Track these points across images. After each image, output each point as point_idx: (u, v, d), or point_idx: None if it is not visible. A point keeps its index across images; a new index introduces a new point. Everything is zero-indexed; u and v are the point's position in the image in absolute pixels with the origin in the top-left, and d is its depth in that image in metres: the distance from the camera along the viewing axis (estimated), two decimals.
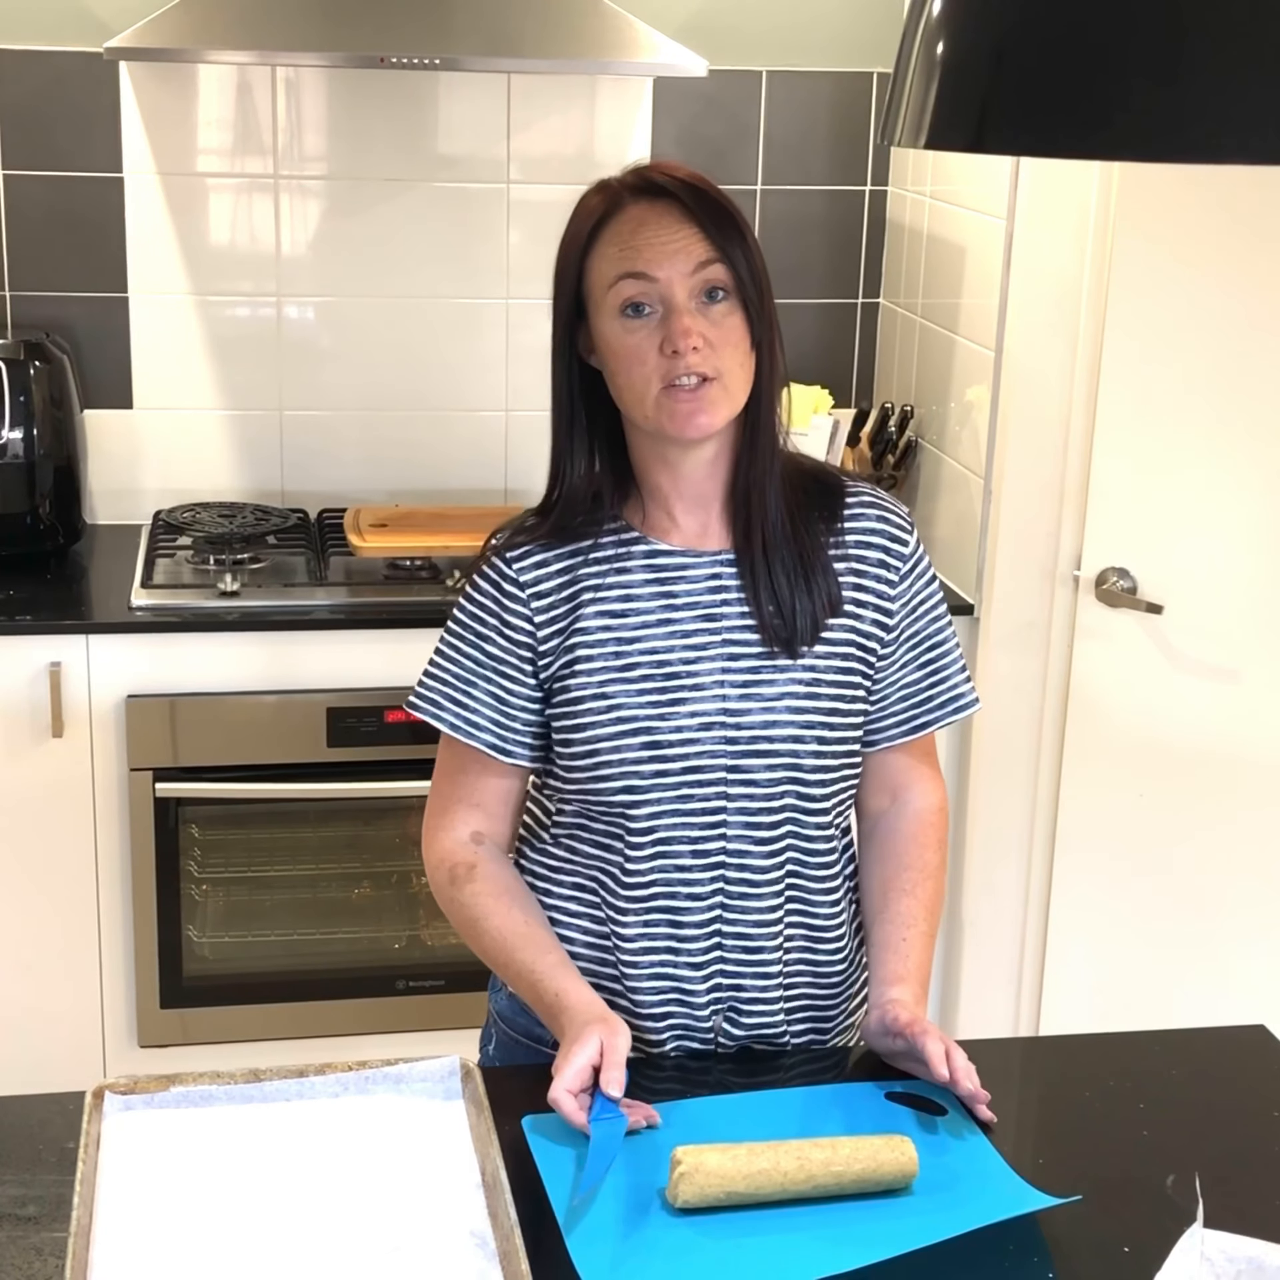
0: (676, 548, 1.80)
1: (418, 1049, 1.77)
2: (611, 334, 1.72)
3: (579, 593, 1.78)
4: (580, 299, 1.75)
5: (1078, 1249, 1.52)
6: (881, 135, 1.39)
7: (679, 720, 1.76)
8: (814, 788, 1.79)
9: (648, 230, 1.71)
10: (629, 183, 1.74)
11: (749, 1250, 1.48)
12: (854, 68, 3.49)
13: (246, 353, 3.45)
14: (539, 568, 1.79)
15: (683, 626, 1.78)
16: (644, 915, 1.80)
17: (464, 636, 1.82)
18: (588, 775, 1.78)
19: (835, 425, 3.40)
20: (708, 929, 1.80)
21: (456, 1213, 1.50)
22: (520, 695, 1.80)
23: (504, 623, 1.79)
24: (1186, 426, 3.01)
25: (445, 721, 1.82)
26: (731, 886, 1.80)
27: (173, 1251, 1.45)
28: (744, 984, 1.82)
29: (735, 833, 1.78)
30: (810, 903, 1.83)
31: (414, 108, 3.39)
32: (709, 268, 1.70)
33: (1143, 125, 1.20)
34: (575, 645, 1.77)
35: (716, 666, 1.77)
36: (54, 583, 3.18)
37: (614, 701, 1.76)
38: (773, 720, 1.77)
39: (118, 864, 3.03)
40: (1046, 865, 3.20)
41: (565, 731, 1.79)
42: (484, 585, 1.81)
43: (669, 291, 1.70)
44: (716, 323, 1.71)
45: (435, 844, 1.85)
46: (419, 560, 3.18)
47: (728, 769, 1.77)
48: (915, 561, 1.85)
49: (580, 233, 1.75)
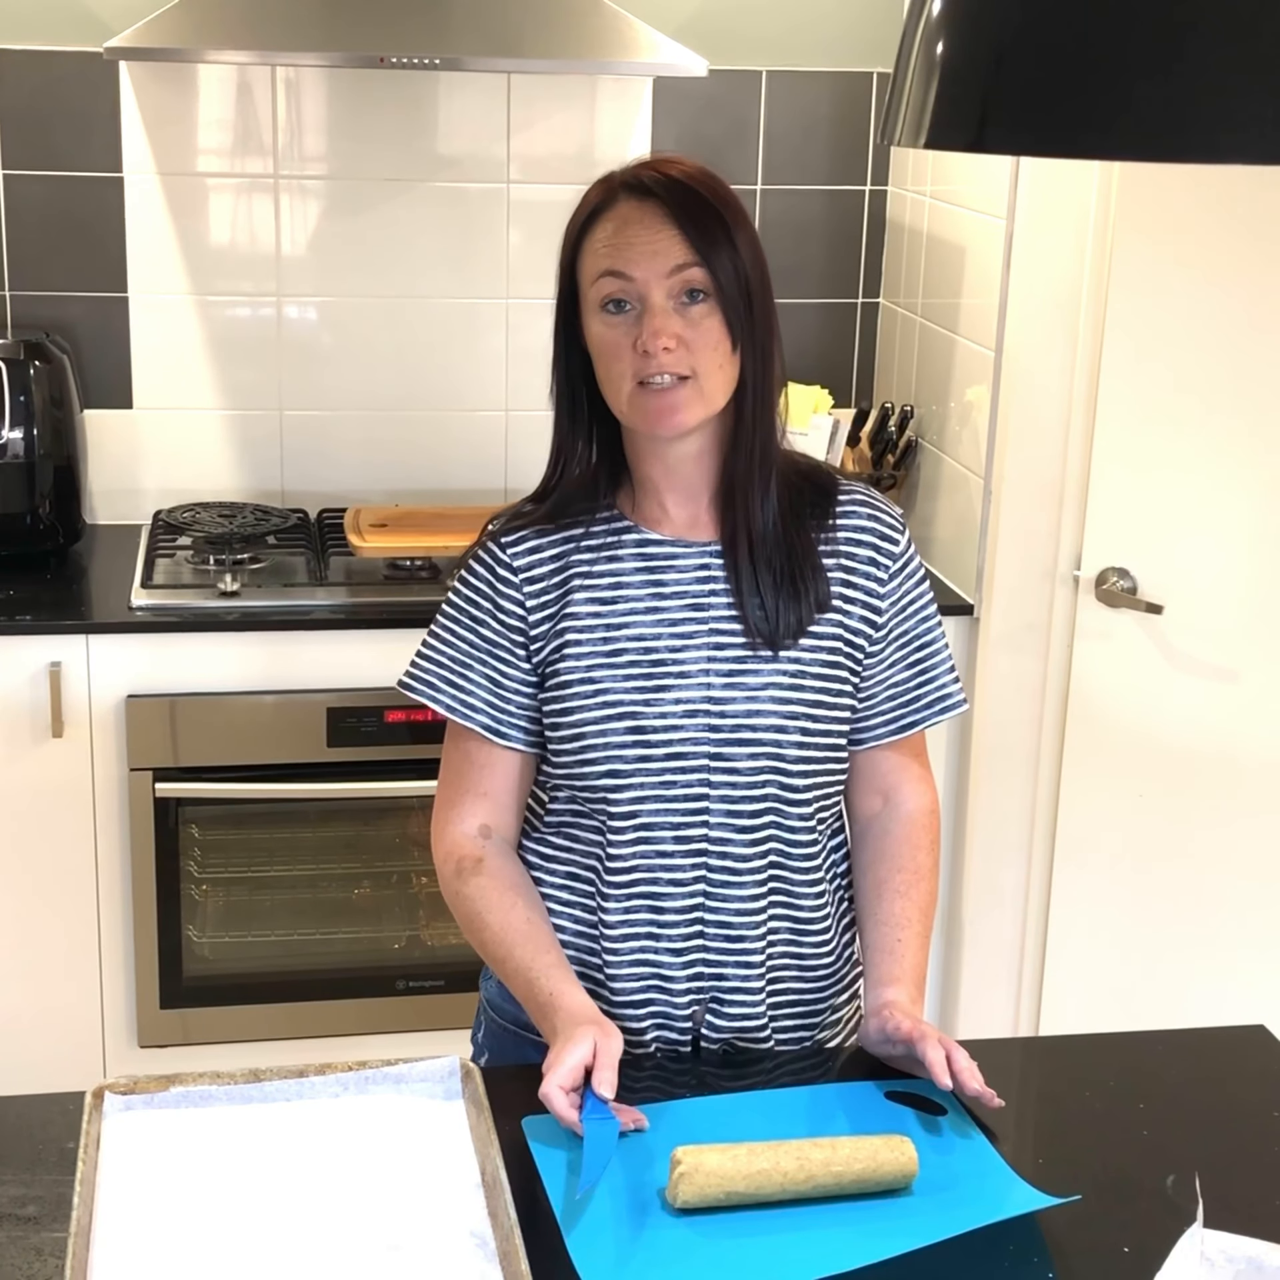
0: (667, 537, 1.82)
1: (418, 1049, 1.78)
2: (594, 327, 1.76)
3: (570, 579, 1.81)
4: (575, 290, 1.78)
5: (1078, 1249, 1.52)
6: (881, 135, 1.39)
7: (663, 706, 1.78)
8: (796, 778, 1.81)
9: (630, 229, 1.73)
10: (625, 179, 1.77)
11: (749, 1250, 1.48)
12: (854, 68, 3.49)
13: (246, 353, 3.45)
14: (533, 553, 1.82)
15: (670, 615, 1.80)
16: (625, 901, 1.81)
17: (459, 620, 1.85)
18: (574, 759, 1.80)
19: (835, 425, 3.40)
20: (689, 915, 1.81)
21: (456, 1213, 1.50)
22: (514, 679, 1.83)
23: (498, 606, 1.83)
24: (1186, 426, 3.01)
25: (441, 703, 1.85)
26: (714, 874, 1.81)
27: (173, 1251, 1.45)
28: (726, 973, 1.82)
29: (717, 820, 1.80)
30: (794, 894, 1.84)
31: (414, 108, 3.39)
32: (686, 270, 1.72)
33: (1143, 125, 1.20)
34: (565, 630, 1.80)
35: (702, 655, 1.79)
36: (54, 583, 3.18)
37: (600, 686, 1.79)
38: (756, 710, 1.78)
39: (118, 864, 3.03)
40: (1046, 865, 3.20)
41: (554, 715, 1.81)
42: (479, 569, 1.84)
43: (645, 291, 1.72)
44: (694, 323, 1.72)
45: (443, 837, 1.86)
46: (419, 560, 3.19)
47: (710, 756, 1.78)
48: (905, 561, 1.86)
49: (576, 223, 1.78)
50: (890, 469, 3.41)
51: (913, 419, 3.39)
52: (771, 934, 1.84)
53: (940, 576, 3.26)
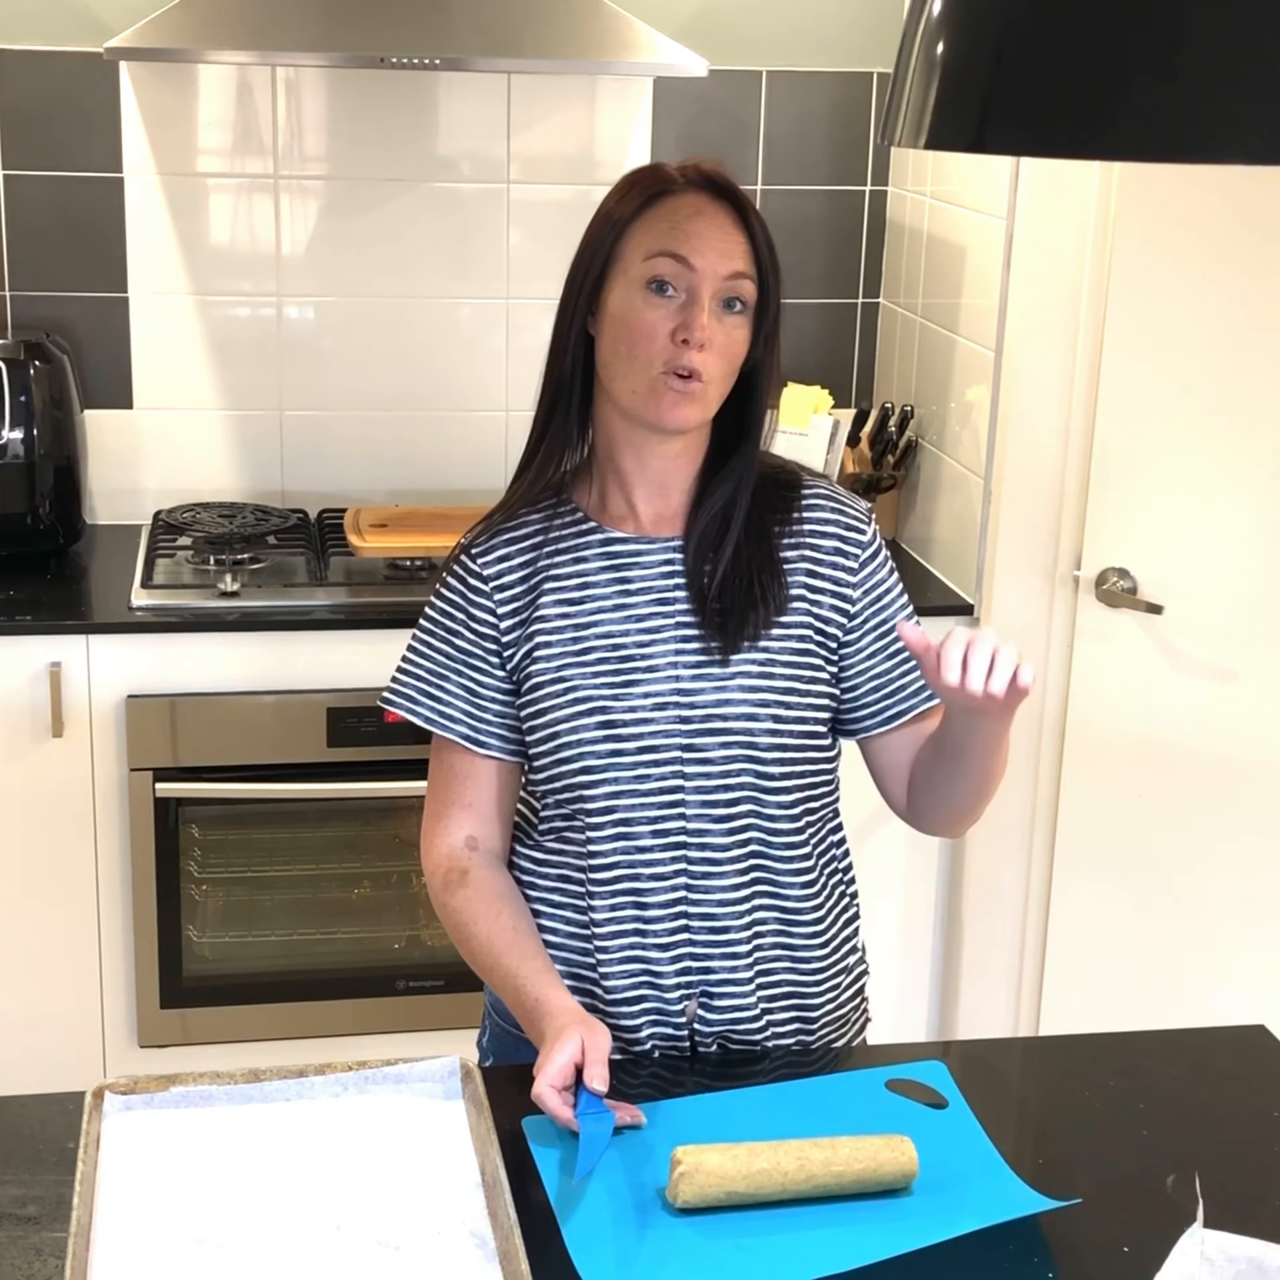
0: (631, 535, 1.84)
1: (418, 1049, 1.78)
2: (629, 304, 1.75)
3: (540, 583, 1.83)
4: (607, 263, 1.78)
5: (1078, 1249, 1.52)
6: (881, 135, 1.39)
7: (633, 701, 1.79)
8: (771, 766, 1.81)
9: (703, 220, 1.75)
10: (690, 174, 1.77)
11: (749, 1250, 1.48)
12: (854, 68, 3.49)
13: (246, 353, 3.45)
14: (502, 561, 1.85)
15: (637, 611, 1.82)
16: (611, 899, 1.82)
17: (434, 633, 1.88)
18: (550, 759, 1.82)
19: (835, 425, 3.40)
20: (673, 909, 1.82)
21: (456, 1212, 1.50)
22: (490, 687, 1.85)
23: (470, 616, 1.85)
24: (1186, 426, 3.01)
25: (420, 715, 1.87)
26: (694, 866, 1.81)
27: (173, 1252, 1.45)
28: (713, 965, 1.82)
29: (694, 812, 1.81)
30: (780, 883, 1.84)
31: (414, 108, 3.39)
32: (741, 280, 1.75)
33: (1143, 125, 1.20)
34: (535, 634, 1.82)
35: (670, 649, 1.81)
36: (54, 583, 3.18)
37: (571, 684, 1.81)
38: (725, 699, 1.79)
39: (118, 864, 3.03)
40: (1046, 865, 3.20)
41: (530, 719, 1.83)
42: (452, 582, 1.87)
43: (699, 284, 1.73)
44: (727, 331, 1.75)
45: (431, 850, 1.88)
46: (419, 560, 3.19)
47: (682, 748, 1.79)
48: (874, 551, 1.88)
49: (629, 199, 1.77)
50: (890, 469, 3.41)
51: (913, 419, 3.39)
52: (758, 924, 1.84)
53: (940, 576, 3.26)
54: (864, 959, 1.96)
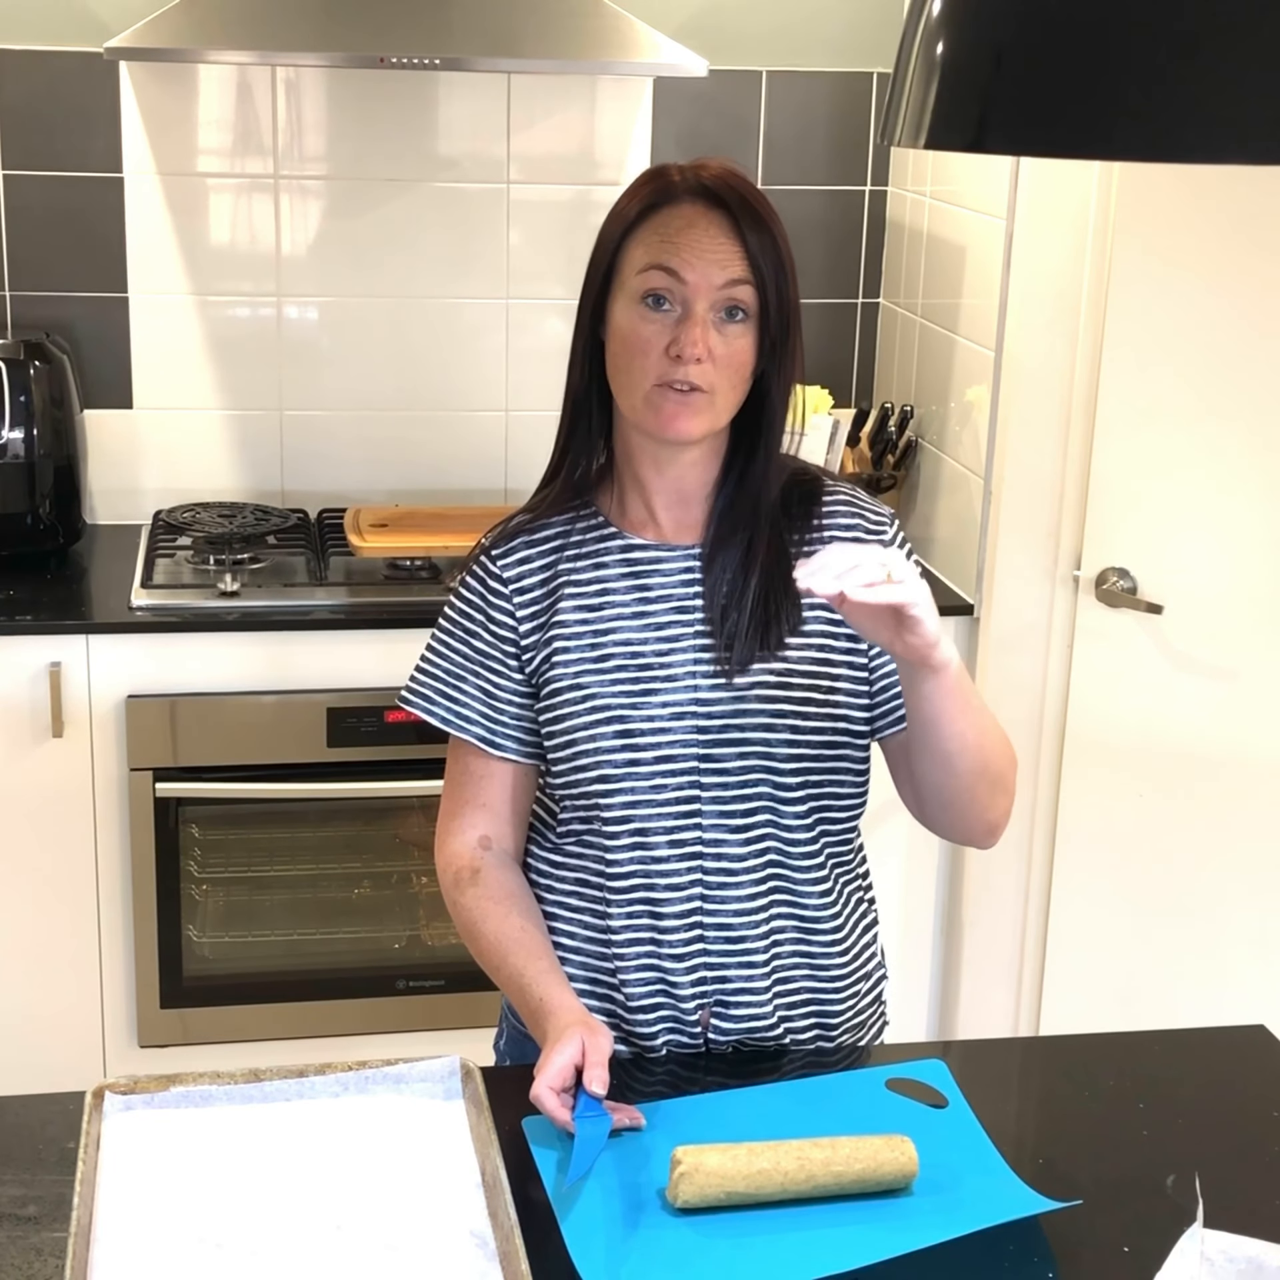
0: (651, 542, 1.83)
1: (418, 1049, 1.78)
2: (625, 318, 1.74)
3: (559, 588, 1.82)
4: (610, 274, 1.77)
5: (1078, 1249, 1.52)
6: (881, 135, 1.39)
7: (651, 710, 1.78)
8: (789, 777, 1.80)
9: (694, 231, 1.72)
10: (689, 180, 1.75)
11: (749, 1250, 1.48)
12: (854, 68, 3.49)
13: (246, 353, 3.45)
14: (522, 564, 1.84)
15: (656, 619, 1.81)
16: (627, 908, 1.82)
17: (453, 633, 1.87)
18: (568, 766, 1.81)
19: (835, 425, 3.40)
20: (688, 920, 1.81)
21: (456, 1213, 1.50)
22: (507, 689, 1.84)
23: (489, 618, 1.84)
24: (1186, 426, 3.01)
25: (437, 715, 1.86)
26: (710, 876, 1.80)
27: (173, 1252, 1.45)
28: (729, 975, 1.82)
29: (710, 822, 1.80)
30: (798, 893, 1.83)
31: (414, 108, 3.39)
32: (738, 287, 1.72)
33: (1143, 125, 1.20)
34: (554, 638, 1.81)
35: (689, 658, 1.80)
36: (54, 583, 3.18)
37: (589, 691, 1.79)
38: (743, 709, 1.78)
39: (118, 864, 3.03)
40: (1046, 865, 3.20)
41: (548, 725, 1.82)
42: (471, 582, 1.86)
43: (692, 296, 1.71)
44: (728, 341, 1.73)
45: (444, 847, 1.88)
46: (419, 560, 3.19)
47: (699, 758, 1.79)
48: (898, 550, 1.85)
49: (629, 210, 1.76)
50: (890, 469, 3.41)
51: (913, 419, 3.39)
52: (776, 934, 1.83)
53: (940, 576, 3.26)
54: (883, 964, 1.95)
